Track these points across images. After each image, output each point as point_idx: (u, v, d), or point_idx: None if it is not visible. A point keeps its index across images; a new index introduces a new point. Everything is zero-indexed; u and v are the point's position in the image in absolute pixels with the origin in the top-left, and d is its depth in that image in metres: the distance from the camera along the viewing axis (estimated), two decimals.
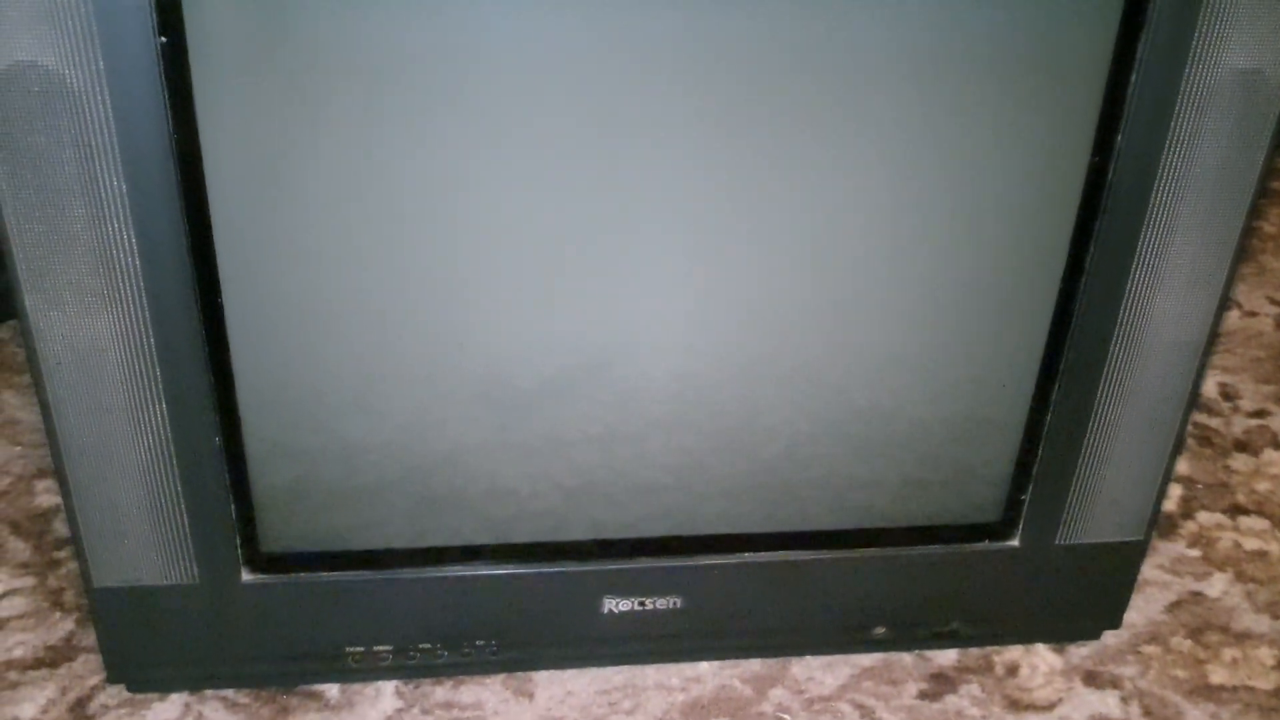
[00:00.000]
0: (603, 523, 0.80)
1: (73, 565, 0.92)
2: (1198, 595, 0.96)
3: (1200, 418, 1.17)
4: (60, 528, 0.97)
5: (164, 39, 0.60)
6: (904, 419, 0.79)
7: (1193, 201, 0.71)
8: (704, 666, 0.87)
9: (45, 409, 0.69)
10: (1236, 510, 1.05)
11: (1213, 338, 0.76)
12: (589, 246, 0.71)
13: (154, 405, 0.70)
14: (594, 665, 0.87)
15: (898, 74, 0.67)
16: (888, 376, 0.77)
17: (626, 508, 0.80)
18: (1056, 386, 0.77)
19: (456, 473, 0.77)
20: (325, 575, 0.79)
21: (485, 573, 0.80)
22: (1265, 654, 0.90)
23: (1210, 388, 1.22)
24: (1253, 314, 1.34)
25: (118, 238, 0.65)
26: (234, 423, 0.72)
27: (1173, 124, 0.68)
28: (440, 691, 0.85)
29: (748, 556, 0.82)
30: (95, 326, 0.67)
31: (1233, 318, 1.33)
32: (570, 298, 0.72)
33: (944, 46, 0.66)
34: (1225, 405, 1.19)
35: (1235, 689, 0.88)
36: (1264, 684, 0.88)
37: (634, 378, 0.75)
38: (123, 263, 0.65)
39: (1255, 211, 0.72)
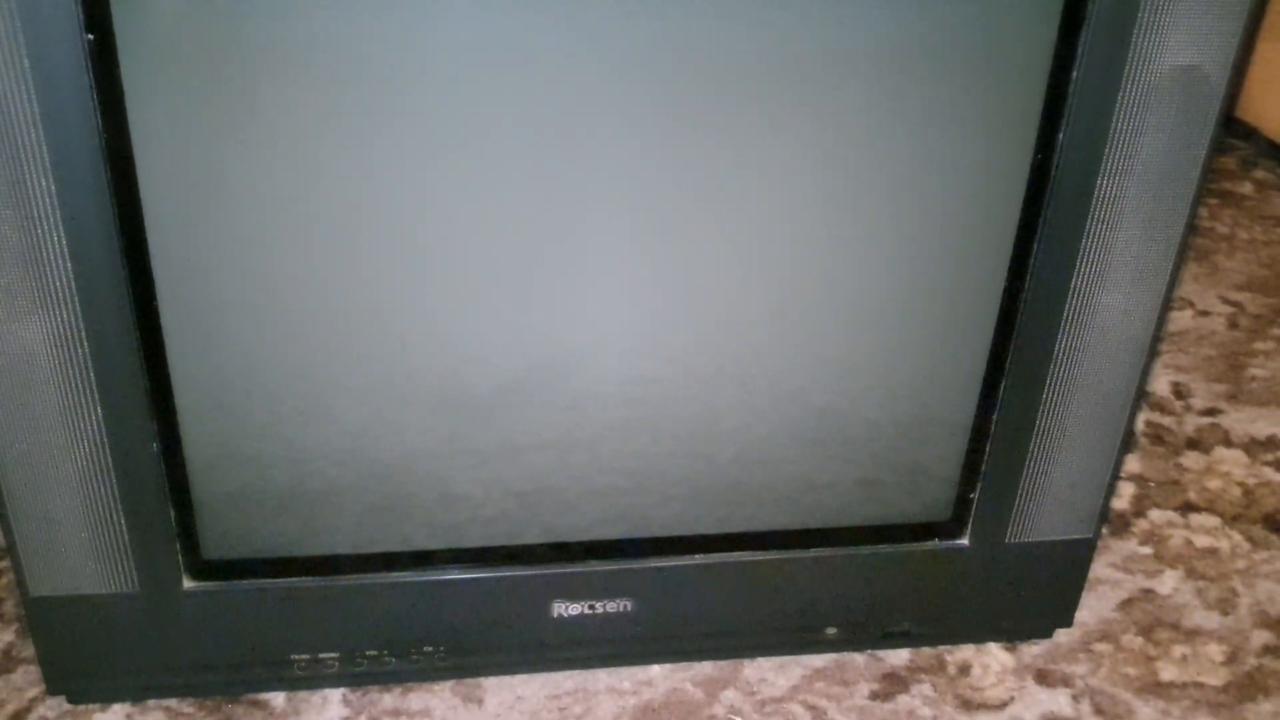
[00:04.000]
0: (554, 526, 0.79)
1: (13, 575, 0.90)
2: (1149, 593, 0.96)
3: (1152, 416, 1.18)
4: None
5: (91, 36, 0.59)
6: (857, 419, 0.79)
7: (1136, 197, 0.71)
8: (655, 669, 0.87)
9: None
10: (1188, 508, 1.06)
11: (1159, 334, 0.77)
12: (543, 250, 0.70)
13: (89, 411, 0.69)
14: (544, 670, 0.86)
15: (841, 76, 0.66)
16: (841, 377, 0.77)
17: (580, 511, 0.79)
18: (1004, 384, 0.77)
19: (408, 479, 0.76)
20: (270, 582, 0.78)
21: (435, 578, 0.79)
22: (1215, 650, 0.91)
23: (1163, 386, 1.22)
24: (1205, 313, 1.35)
25: (47, 240, 0.63)
26: (172, 428, 0.71)
27: (1114, 121, 0.68)
28: (388, 698, 0.84)
29: (698, 558, 0.82)
30: (26, 331, 0.66)
31: (1185, 317, 1.34)
32: (524, 302, 0.72)
33: (885, 47, 0.66)
34: (1177, 404, 1.20)
35: (1185, 686, 0.88)
36: (1213, 680, 0.88)
37: (589, 382, 0.74)
38: (53, 265, 0.64)
39: (1198, 207, 0.73)
